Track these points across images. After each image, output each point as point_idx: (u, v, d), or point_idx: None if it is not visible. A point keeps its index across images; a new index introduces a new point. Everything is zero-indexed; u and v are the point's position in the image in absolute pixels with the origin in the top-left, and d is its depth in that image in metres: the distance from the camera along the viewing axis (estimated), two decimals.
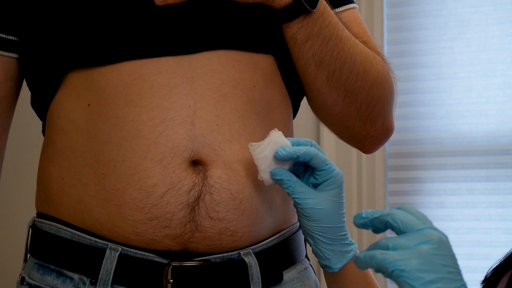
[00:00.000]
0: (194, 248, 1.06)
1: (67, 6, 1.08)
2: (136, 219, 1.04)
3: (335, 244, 1.07)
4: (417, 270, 0.82)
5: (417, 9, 2.62)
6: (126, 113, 1.05)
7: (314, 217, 1.06)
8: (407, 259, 0.83)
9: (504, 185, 2.53)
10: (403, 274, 0.82)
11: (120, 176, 1.04)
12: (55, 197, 1.11)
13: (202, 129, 1.05)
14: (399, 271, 0.82)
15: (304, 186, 1.05)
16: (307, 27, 1.10)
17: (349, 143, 1.27)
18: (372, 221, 0.90)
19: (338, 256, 1.08)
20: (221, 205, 1.05)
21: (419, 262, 0.83)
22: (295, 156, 1.03)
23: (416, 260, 0.83)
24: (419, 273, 0.82)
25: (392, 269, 0.83)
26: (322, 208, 1.05)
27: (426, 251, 0.84)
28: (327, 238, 1.07)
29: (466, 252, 2.54)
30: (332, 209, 1.06)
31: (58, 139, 1.11)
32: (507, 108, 2.54)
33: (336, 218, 1.06)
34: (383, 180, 2.61)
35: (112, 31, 1.07)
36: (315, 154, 1.04)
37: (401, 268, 0.82)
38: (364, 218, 0.90)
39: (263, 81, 1.12)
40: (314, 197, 1.05)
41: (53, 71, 1.10)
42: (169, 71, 1.06)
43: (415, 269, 0.82)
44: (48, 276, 1.10)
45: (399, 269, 0.83)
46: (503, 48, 2.55)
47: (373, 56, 1.18)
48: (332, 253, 1.07)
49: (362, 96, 1.17)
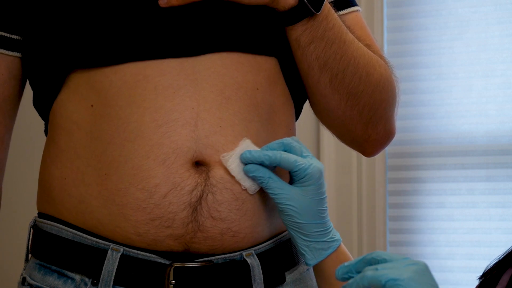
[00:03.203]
0: (196, 249, 1.06)
1: (71, 6, 1.08)
2: (138, 219, 1.04)
3: (310, 241, 1.07)
4: (411, 279, 0.83)
5: (417, 9, 2.62)
6: (129, 114, 1.05)
7: (287, 212, 1.06)
8: (399, 272, 0.84)
9: (504, 185, 2.53)
10: (398, 282, 0.83)
11: (122, 176, 1.05)
12: (56, 197, 1.11)
13: (205, 131, 1.05)
14: (393, 280, 0.83)
15: (279, 181, 1.05)
16: (311, 29, 1.10)
17: (350, 146, 1.27)
18: (355, 265, 0.91)
19: (313, 252, 1.08)
20: (223, 205, 1.05)
21: (411, 275, 0.84)
22: (259, 161, 1.04)
23: (408, 274, 0.84)
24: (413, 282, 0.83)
25: (386, 280, 0.84)
26: (294, 205, 1.05)
27: (415, 269, 0.86)
28: (302, 233, 1.07)
29: (466, 252, 2.54)
30: (307, 206, 1.05)
31: (61, 139, 1.11)
32: (507, 108, 2.54)
33: (311, 214, 1.06)
34: (383, 180, 2.61)
35: (116, 32, 1.07)
36: (282, 158, 1.04)
37: (395, 277, 0.84)
38: (346, 267, 0.91)
39: (266, 83, 1.12)
40: (288, 193, 1.05)
41: (56, 71, 1.10)
42: (173, 73, 1.06)
43: (409, 278, 0.84)
44: (50, 277, 1.10)
45: (392, 279, 0.84)
46: (503, 48, 2.55)
47: (376, 59, 1.18)
48: (308, 249, 1.08)
49: (364, 99, 1.17)
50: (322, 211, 1.07)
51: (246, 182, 1.06)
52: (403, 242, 2.60)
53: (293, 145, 1.07)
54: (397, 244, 2.61)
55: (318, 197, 1.06)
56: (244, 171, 1.05)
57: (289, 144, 1.07)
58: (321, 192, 1.06)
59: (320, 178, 1.06)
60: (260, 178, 1.05)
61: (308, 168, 1.05)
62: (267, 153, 1.05)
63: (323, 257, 1.08)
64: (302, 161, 1.05)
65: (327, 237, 1.08)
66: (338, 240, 1.09)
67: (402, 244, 2.60)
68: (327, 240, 1.08)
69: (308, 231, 1.07)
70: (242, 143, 1.06)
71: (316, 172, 1.05)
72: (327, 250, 1.08)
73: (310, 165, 1.05)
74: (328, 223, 1.08)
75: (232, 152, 1.06)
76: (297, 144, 1.08)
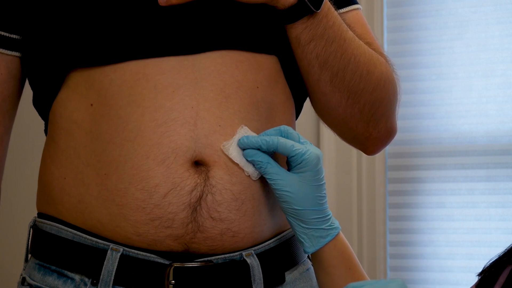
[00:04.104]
0: (195, 249, 1.05)
1: (71, 5, 1.08)
2: (138, 220, 1.04)
3: (309, 228, 1.07)
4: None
5: (417, 9, 2.62)
6: (129, 113, 1.05)
7: (284, 199, 1.06)
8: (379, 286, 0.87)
9: (504, 185, 2.53)
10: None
11: (122, 176, 1.04)
12: (56, 197, 1.11)
13: (204, 130, 1.05)
14: None
15: (277, 167, 1.05)
16: (311, 27, 1.10)
17: (352, 144, 1.27)
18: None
19: (311, 240, 1.07)
20: (223, 205, 1.05)
21: None
22: (257, 145, 1.05)
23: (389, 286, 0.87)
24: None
25: None
26: (292, 191, 1.05)
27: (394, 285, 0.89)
28: (300, 220, 1.06)
29: (466, 252, 2.54)
30: (304, 192, 1.05)
31: (61, 138, 1.11)
32: (507, 108, 2.54)
33: (309, 201, 1.06)
34: (383, 180, 2.61)
35: (115, 31, 1.07)
36: (279, 143, 1.04)
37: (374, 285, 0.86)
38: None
39: (266, 82, 1.11)
40: (285, 179, 1.05)
41: (55, 70, 1.10)
42: (173, 72, 1.06)
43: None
44: (49, 277, 1.10)
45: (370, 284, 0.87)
46: (503, 48, 2.55)
47: (377, 57, 1.18)
48: (306, 237, 1.07)
49: (365, 97, 1.17)
50: (320, 197, 1.06)
51: (250, 168, 1.06)
52: (403, 242, 2.60)
53: (290, 131, 1.07)
54: (397, 244, 2.60)
55: (316, 183, 1.06)
56: (244, 155, 1.05)
57: (286, 131, 1.07)
58: (319, 179, 1.06)
59: (317, 164, 1.06)
60: (259, 163, 1.05)
61: (305, 154, 1.05)
62: (265, 138, 1.05)
63: (321, 244, 1.07)
64: (300, 147, 1.05)
65: (326, 224, 1.07)
66: (337, 228, 1.09)
67: (402, 244, 2.60)
68: (326, 227, 1.07)
69: (306, 218, 1.06)
70: (240, 130, 1.06)
71: (313, 157, 1.05)
72: (325, 238, 1.08)
73: (307, 151, 1.05)
74: (327, 211, 1.08)
75: (231, 140, 1.06)
76: (294, 131, 1.08)
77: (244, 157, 1.06)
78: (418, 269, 2.59)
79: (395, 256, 2.61)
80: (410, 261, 2.59)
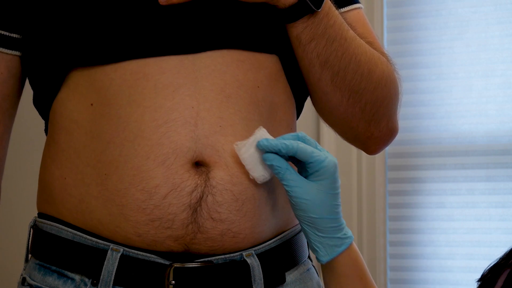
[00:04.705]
0: (196, 249, 1.05)
1: (71, 4, 1.08)
2: (138, 220, 1.04)
3: (324, 236, 1.06)
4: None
5: (417, 9, 2.62)
6: (129, 113, 1.05)
7: (301, 207, 1.05)
8: None
9: (504, 185, 2.53)
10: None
11: (122, 177, 1.04)
12: (56, 197, 1.11)
13: (205, 131, 1.05)
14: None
15: (295, 174, 1.04)
16: (312, 27, 1.10)
17: (353, 144, 1.27)
18: None
19: (326, 248, 1.07)
20: (223, 206, 1.05)
21: None
22: (276, 149, 1.03)
23: None
24: None
25: None
26: (309, 199, 1.04)
27: None
28: (315, 229, 1.06)
29: (466, 252, 2.54)
30: (321, 200, 1.04)
31: (61, 138, 1.11)
32: (507, 108, 2.54)
33: (325, 209, 1.05)
34: (383, 180, 2.61)
35: (115, 30, 1.06)
36: (299, 148, 1.03)
37: None
38: None
39: (267, 81, 1.11)
40: (303, 187, 1.04)
41: (56, 69, 1.10)
42: (173, 71, 1.06)
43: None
44: (49, 277, 1.09)
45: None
46: (503, 48, 2.55)
47: (378, 56, 1.18)
48: (321, 245, 1.06)
49: (366, 96, 1.16)
50: (336, 206, 1.06)
51: (256, 172, 1.05)
52: (403, 242, 2.60)
53: (308, 138, 1.07)
54: (397, 244, 2.60)
55: (333, 192, 1.05)
56: (261, 159, 1.04)
57: (304, 137, 1.06)
58: (335, 187, 1.05)
59: (335, 172, 1.05)
60: (277, 168, 1.04)
61: (324, 161, 1.04)
62: (285, 141, 1.03)
63: (335, 254, 1.07)
64: (318, 153, 1.04)
65: (341, 233, 1.07)
66: (351, 237, 1.08)
67: (402, 244, 2.60)
68: (341, 236, 1.07)
69: (323, 226, 1.05)
70: (257, 132, 1.05)
71: (331, 165, 1.05)
72: (340, 247, 1.07)
73: (326, 158, 1.04)
74: (342, 220, 1.07)
75: (246, 140, 1.04)
76: (312, 139, 1.07)
77: (254, 160, 1.04)
78: (418, 269, 2.58)
79: (395, 256, 2.61)
80: (410, 261, 2.59)
